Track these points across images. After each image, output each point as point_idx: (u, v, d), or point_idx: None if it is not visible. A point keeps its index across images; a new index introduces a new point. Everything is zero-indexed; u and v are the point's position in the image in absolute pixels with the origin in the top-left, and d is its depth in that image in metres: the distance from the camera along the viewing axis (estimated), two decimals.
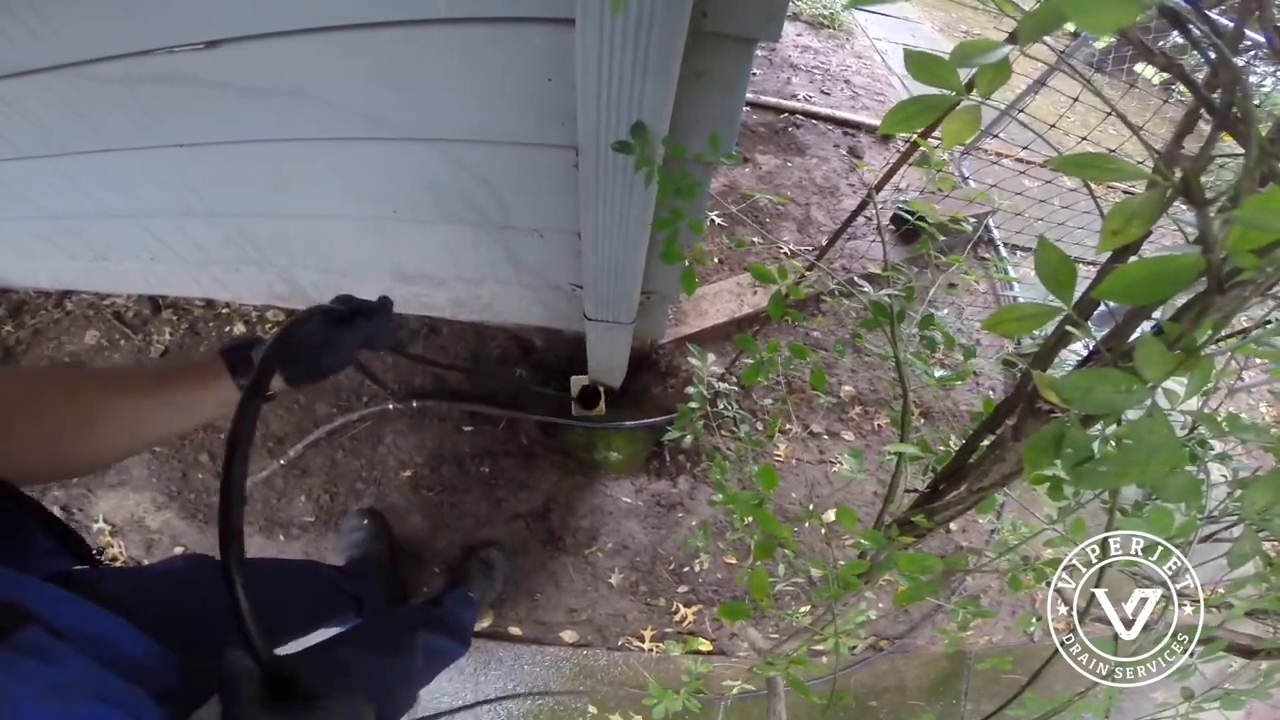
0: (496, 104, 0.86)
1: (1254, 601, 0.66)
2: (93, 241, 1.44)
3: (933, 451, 0.76)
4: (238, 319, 1.82)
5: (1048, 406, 0.47)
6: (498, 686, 1.54)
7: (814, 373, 0.89)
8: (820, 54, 3.47)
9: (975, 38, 0.33)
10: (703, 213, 0.93)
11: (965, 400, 2.06)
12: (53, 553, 0.63)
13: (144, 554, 1.61)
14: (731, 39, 0.73)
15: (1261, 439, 0.43)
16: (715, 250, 2.17)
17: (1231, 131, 0.31)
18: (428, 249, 1.28)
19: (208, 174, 1.12)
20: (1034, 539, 0.75)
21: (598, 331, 1.32)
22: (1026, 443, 0.41)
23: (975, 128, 0.38)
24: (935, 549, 1.74)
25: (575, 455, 1.76)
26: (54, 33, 0.84)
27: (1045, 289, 0.34)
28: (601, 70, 0.67)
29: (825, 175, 2.59)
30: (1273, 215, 0.24)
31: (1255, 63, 2.31)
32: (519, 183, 1.02)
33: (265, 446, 1.69)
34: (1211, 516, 0.67)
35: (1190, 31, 0.32)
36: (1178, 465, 0.31)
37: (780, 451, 1.89)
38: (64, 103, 0.96)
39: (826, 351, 2.05)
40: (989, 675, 1.77)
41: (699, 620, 1.65)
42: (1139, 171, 0.30)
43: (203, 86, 0.90)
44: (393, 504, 1.66)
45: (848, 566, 0.62)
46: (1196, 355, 0.31)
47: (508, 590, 1.61)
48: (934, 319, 0.88)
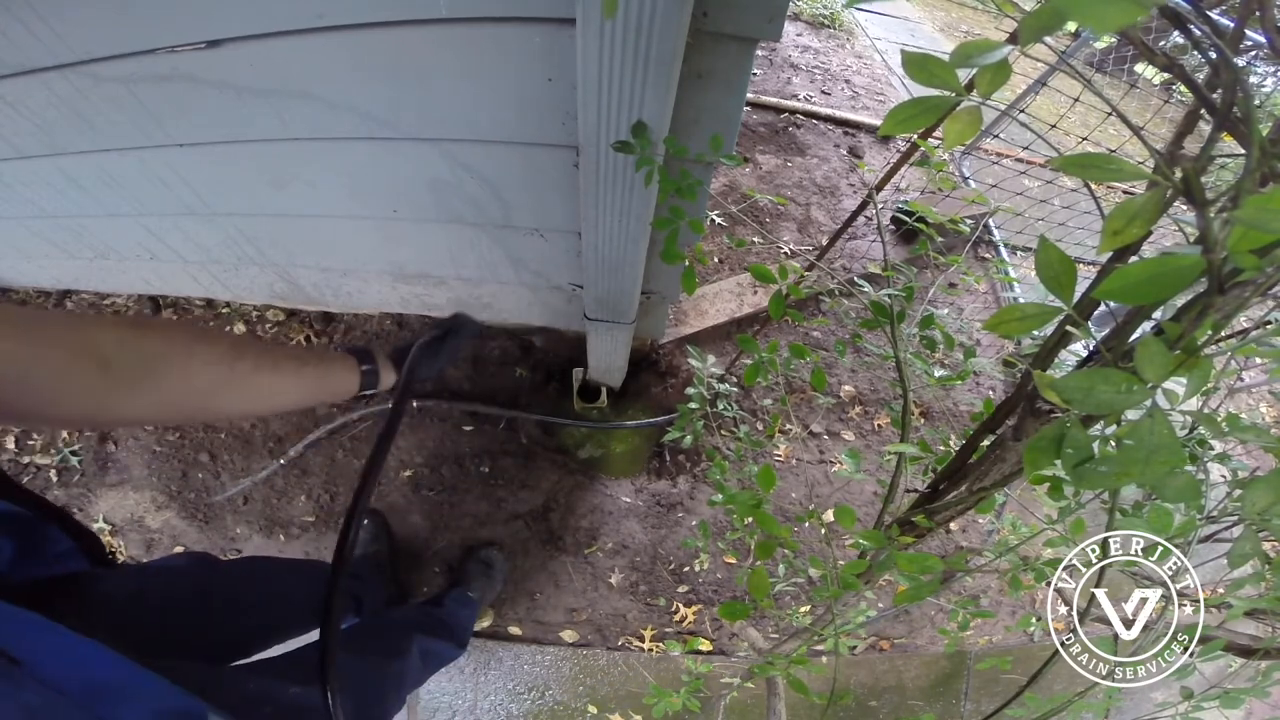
0: (497, 104, 0.86)
1: (1254, 601, 0.66)
2: (93, 241, 1.44)
3: (933, 451, 0.76)
4: (238, 318, 1.82)
5: (1048, 406, 0.47)
6: (498, 686, 1.54)
7: (814, 373, 0.89)
8: (821, 54, 3.48)
9: (975, 38, 0.33)
10: (703, 212, 0.93)
11: (965, 400, 2.06)
12: (68, 555, 0.63)
13: (144, 553, 1.61)
14: (732, 39, 0.73)
15: (1261, 439, 0.43)
16: (715, 250, 2.17)
17: (1232, 132, 0.31)
18: (428, 248, 1.28)
19: (208, 174, 1.12)
20: (1034, 539, 0.75)
21: (598, 331, 1.32)
22: (1026, 443, 0.41)
23: (976, 128, 0.38)
24: (935, 549, 1.74)
25: (575, 455, 1.76)
26: (54, 32, 0.84)
27: (1045, 289, 0.34)
28: (602, 70, 0.67)
29: (825, 175, 2.59)
30: (1273, 215, 0.24)
31: (1255, 63, 2.31)
32: (519, 182, 1.02)
33: (265, 446, 1.69)
34: (1211, 516, 0.67)
35: (1191, 31, 0.32)
36: (1178, 465, 0.31)
37: (780, 451, 1.89)
38: (64, 102, 0.96)
39: (826, 351, 2.05)
40: (989, 675, 1.77)
41: (699, 620, 1.65)
42: (1139, 172, 0.30)
43: (203, 86, 0.90)
44: (393, 504, 1.66)
45: (848, 566, 0.62)
46: (1196, 355, 0.31)
47: (508, 590, 1.61)
48: (934, 319, 0.88)
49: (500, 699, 1.53)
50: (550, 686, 1.54)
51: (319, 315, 1.83)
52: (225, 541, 1.62)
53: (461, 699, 1.52)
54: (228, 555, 1.61)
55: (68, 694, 0.39)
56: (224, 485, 1.65)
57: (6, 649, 0.39)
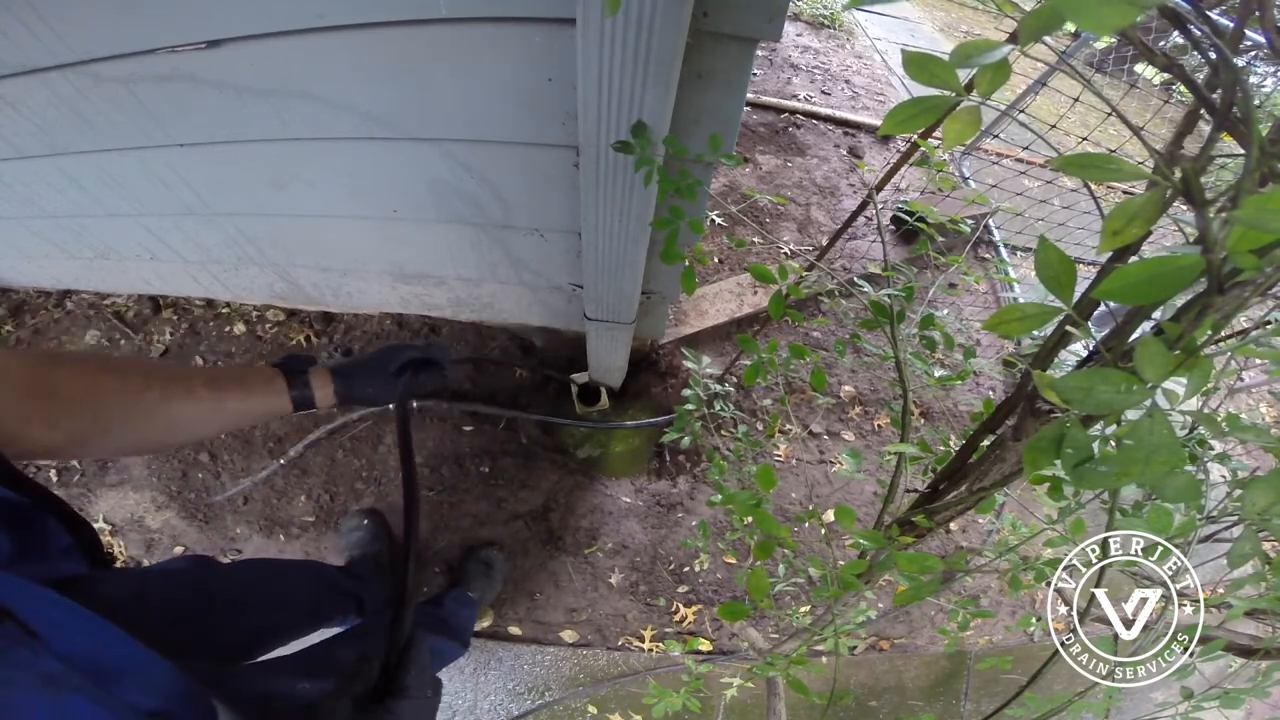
0: (497, 104, 0.86)
1: (1254, 601, 0.66)
2: (93, 241, 1.44)
3: (933, 451, 0.76)
4: (238, 318, 1.82)
5: (1048, 407, 0.47)
6: (498, 686, 1.54)
7: (814, 373, 0.89)
8: (820, 54, 3.48)
9: (975, 38, 0.33)
10: (703, 213, 0.93)
11: (965, 400, 2.06)
12: (67, 553, 0.63)
13: (144, 554, 1.61)
14: (732, 39, 0.73)
15: (1261, 439, 0.43)
16: (715, 250, 2.17)
17: (1231, 132, 0.31)
18: (428, 248, 1.28)
19: (208, 174, 1.12)
20: (1034, 539, 0.75)
21: (598, 331, 1.32)
22: (1026, 443, 0.41)
23: (976, 128, 0.38)
24: (935, 549, 1.75)
25: (575, 455, 1.76)
26: (54, 32, 0.84)
27: (1045, 289, 0.34)
28: (602, 70, 0.67)
29: (825, 175, 2.59)
30: (1273, 216, 0.24)
31: (1255, 63, 2.31)
32: (519, 182, 1.02)
33: (265, 446, 1.69)
34: (1211, 516, 0.67)
35: (1191, 32, 0.32)
36: (1178, 465, 0.31)
37: (780, 452, 1.89)
38: (64, 102, 0.96)
39: (826, 351, 2.05)
40: (989, 675, 1.77)
41: (699, 620, 1.65)
42: (1139, 172, 0.30)
43: (204, 86, 0.90)
44: (393, 504, 1.66)
45: (847, 566, 0.62)
46: (1196, 355, 0.31)
47: (508, 590, 1.61)
48: (934, 319, 0.88)
49: (500, 699, 1.53)
50: (550, 686, 1.54)
51: (319, 315, 1.83)
52: (225, 541, 1.62)
53: (461, 699, 1.52)
54: (228, 555, 1.61)
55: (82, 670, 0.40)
56: (224, 485, 1.65)
57: (26, 621, 0.39)
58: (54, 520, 0.61)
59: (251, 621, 0.87)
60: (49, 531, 0.61)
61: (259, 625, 0.88)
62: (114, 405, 0.56)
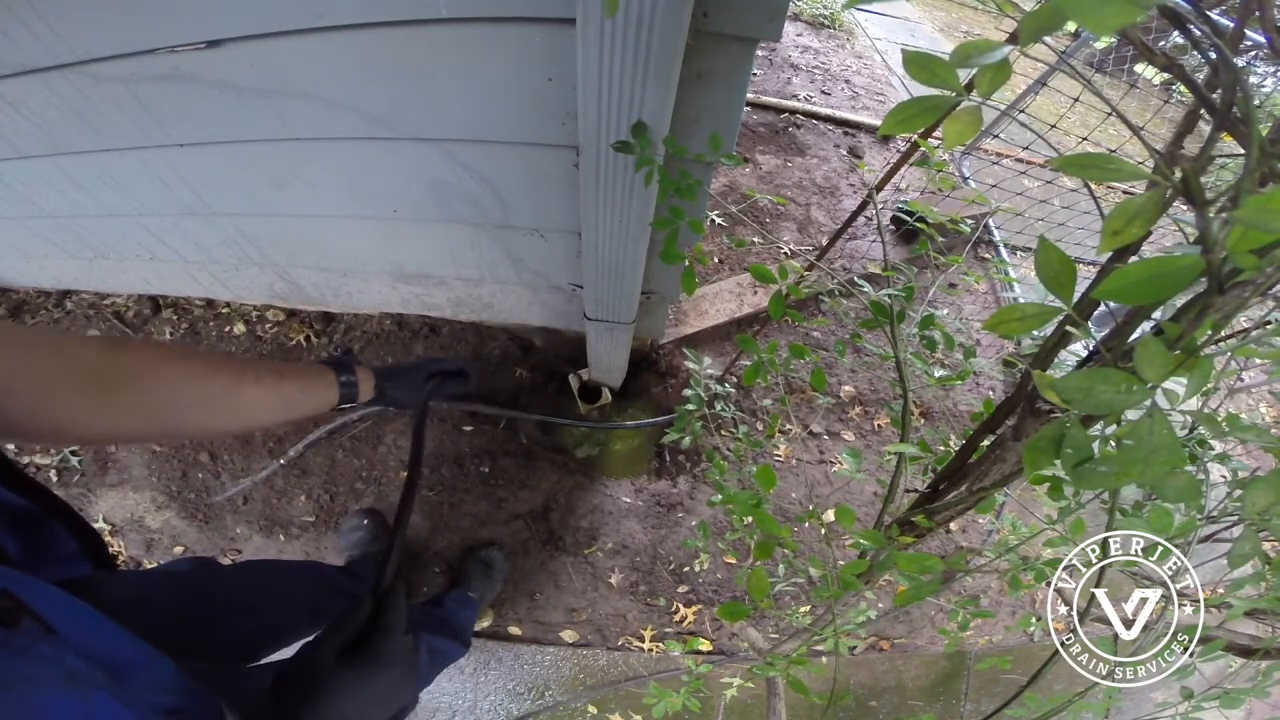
0: (497, 104, 0.86)
1: (1254, 601, 0.66)
2: (93, 241, 1.44)
3: (933, 451, 0.76)
4: (238, 318, 1.82)
5: (1048, 407, 0.47)
6: (498, 686, 1.54)
7: (814, 373, 0.89)
8: (820, 54, 3.48)
9: (975, 38, 0.33)
10: (703, 213, 0.93)
11: (965, 400, 2.06)
12: (72, 557, 0.63)
13: (144, 554, 1.61)
14: (732, 39, 0.72)
15: (1261, 439, 0.43)
16: (715, 250, 2.17)
17: (1231, 132, 0.31)
18: (428, 248, 1.28)
19: (208, 173, 1.12)
20: (1034, 539, 0.75)
21: (598, 331, 1.32)
22: (1026, 443, 0.41)
23: (976, 128, 0.38)
24: (935, 549, 1.75)
25: (575, 455, 1.76)
26: (54, 32, 0.84)
27: (1045, 289, 0.34)
28: (602, 70, 0.67)
29: (825, 175, 2.59)
30: (1273, 216, 0.24)
31: (1255, 63, 2.31)
32: (519, 182, 1.02)
33: (265, 446, 1.69)
34: (1211, 516, 0.67)
35: (1191, 32, 0.32)
36: (1178, 465, 0.31)
37: (780, 452, 1.89)
38: (64, 102, 0.96)
39: (826, 351, 2.05)
40: (989, 675, 1.77)
41: (699, 620, 1.65)
42: (1139, 172, 0.30)
43: (204, 86, 0.90)
44: (393, 504, 1.66)
45: (847, 566, 0.62)
46: (1196, 355, 0.31)
47: (508, 590, 1.61)
48: (934, 319, 0.88)
49: (500, 699, 1.53)
50: (550, 686, 1.54)
51: (319, 315, 1.83)
52: (225, 541, 1.62)
53: (461, 699, 1.52)
54: (228, 555, 1.61)
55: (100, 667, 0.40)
56: (224, 485, 1.65)
57: (44, 618, 0.39)
58: (60, 525, 0.62)
59: (252, 622, 0.88)
60: (56, 536, 0.61)
61: (259, 626, 0.88)
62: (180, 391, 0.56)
